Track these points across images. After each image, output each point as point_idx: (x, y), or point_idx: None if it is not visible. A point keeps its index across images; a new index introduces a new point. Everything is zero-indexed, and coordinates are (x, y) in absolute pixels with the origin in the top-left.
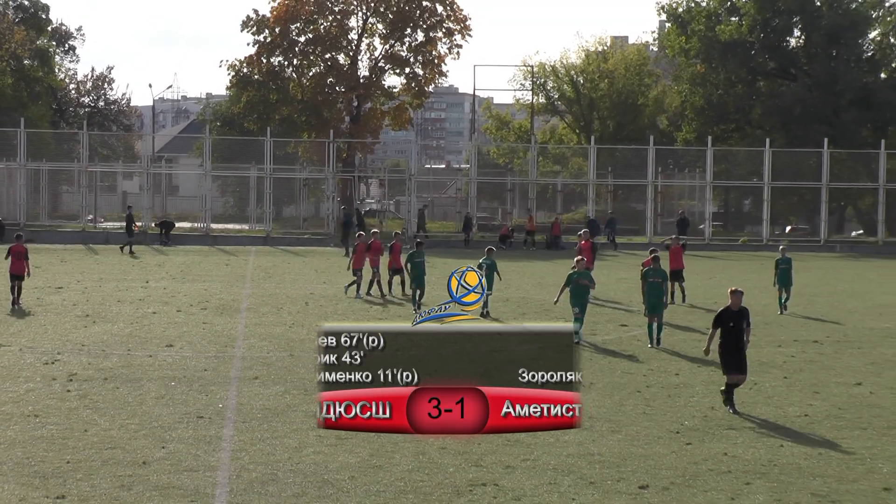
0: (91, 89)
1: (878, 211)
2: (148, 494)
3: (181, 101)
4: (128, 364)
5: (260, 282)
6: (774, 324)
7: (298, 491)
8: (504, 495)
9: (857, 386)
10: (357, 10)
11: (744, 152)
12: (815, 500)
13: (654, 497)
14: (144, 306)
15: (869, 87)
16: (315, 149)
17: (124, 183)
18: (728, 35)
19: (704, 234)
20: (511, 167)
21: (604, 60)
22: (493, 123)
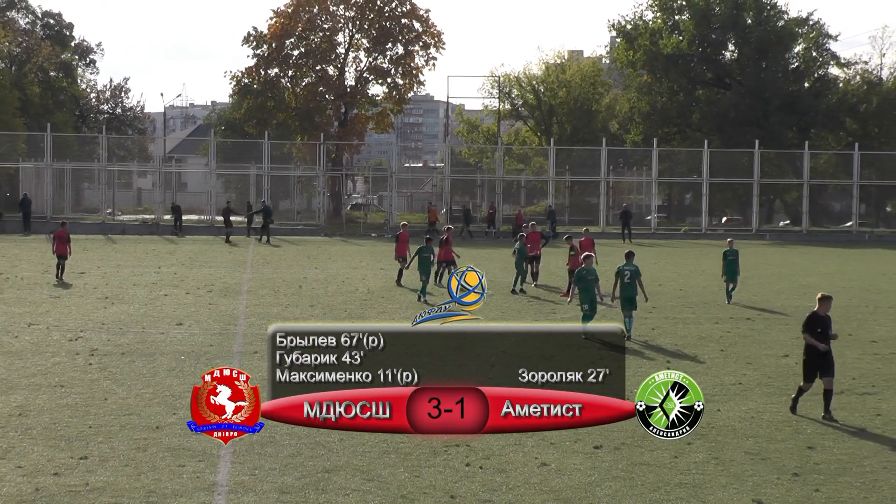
0: (109, 98)
1: (803, 203)
2: (161, 455)
3: (189, 107)
4: (142, 340)
5: (259, 267)
6: (712, 303)
7: (294, 451)
8: (475, 454)
9: (784, 357)
10: (344, 27)
11: (685, 152)
12: (748, 457)
13: (606, 455)
14: (157, 289)
15: (794, 94)
16: (307, 150)
17: (139, 180)
18: (670, 49)
19: (650, 224)
20: (480, 166)
21: (562, 71)
22: (464, 127)
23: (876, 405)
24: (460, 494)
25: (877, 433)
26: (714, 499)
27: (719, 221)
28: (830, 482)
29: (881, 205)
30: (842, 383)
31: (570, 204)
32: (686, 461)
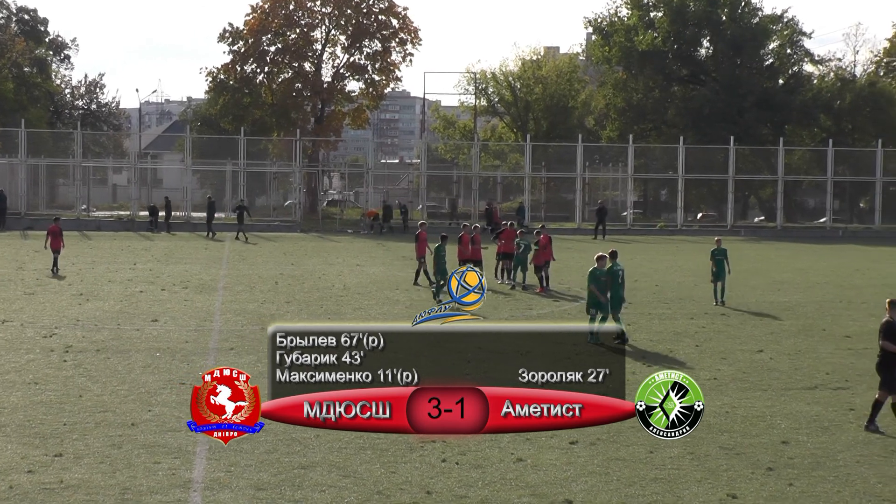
0: (84, 93)
1: (778, 199)
2: (136, 452)
3: (165, 103)
4: (118, 337)
5: (235, 264)
6: (687, 299)
7: (270, 448)
8: (451, 450)
9: (758, 353)
10: (321, 23)
11: (660, 148)
12: (723, 452)
13: (582, 451)
14: (132, 286)
15: (769, 91)
16: (284, 146)
17: (114, 177)
18: (645, 46)
19: (626, 220)
20: (456, 162)
21: (538, 68)
22: (440, 123)
23: (849, 400)
24: (436, 490)
25: (850, 427)
26: (689, 493)
27: (694, 218)
28: (804, 476)
29: (855, 201)
30: (815, 378)
31: (547, 200)
32: (661, 456)
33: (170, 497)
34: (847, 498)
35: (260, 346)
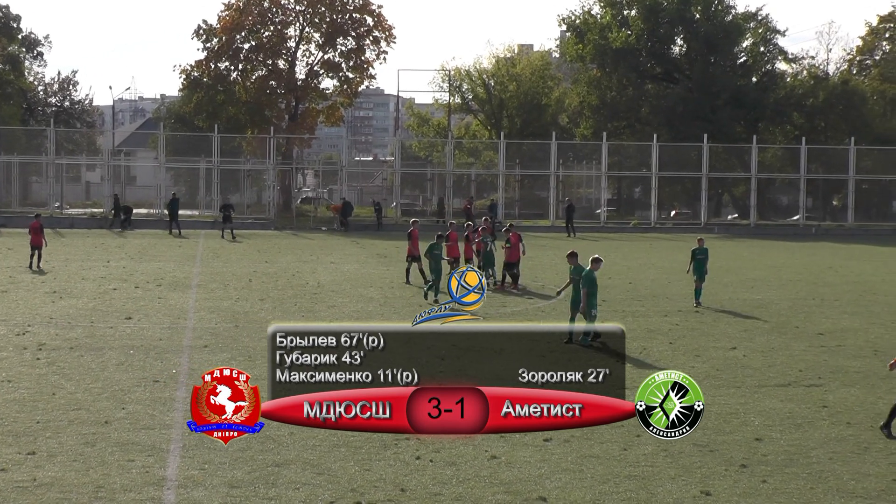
0: (57, 91)
1: (751, 197)
2: (110, 450)
3: (138, 101)
4: (91, 335)
5: (209, 261)
6: (661, 296)
7: (243, 445)
8: (425, 447)
9: (732, 350)
10: (295, 21)
11: (634, 146)
12: (697, 449)
13: (556, 448)
14: (106, 283)
15: (742, 89)
16: (258, 143)
17: (87, 174)
18: (619, 43)
19: (600, 218)
20: (430, 159)
21: (512, 65)
22: (414, 121)
23: (822, 397)
24: (410, 488)
25: (823, 425)
26: (663, 491)
27: (668, 215)
28: (778, 473)
29: (828, 198)
30: (788, 375)
31: (521, 198)
32: (635, 453)
33: (143, 495)
34: (820, 495)
35: (234, 343)
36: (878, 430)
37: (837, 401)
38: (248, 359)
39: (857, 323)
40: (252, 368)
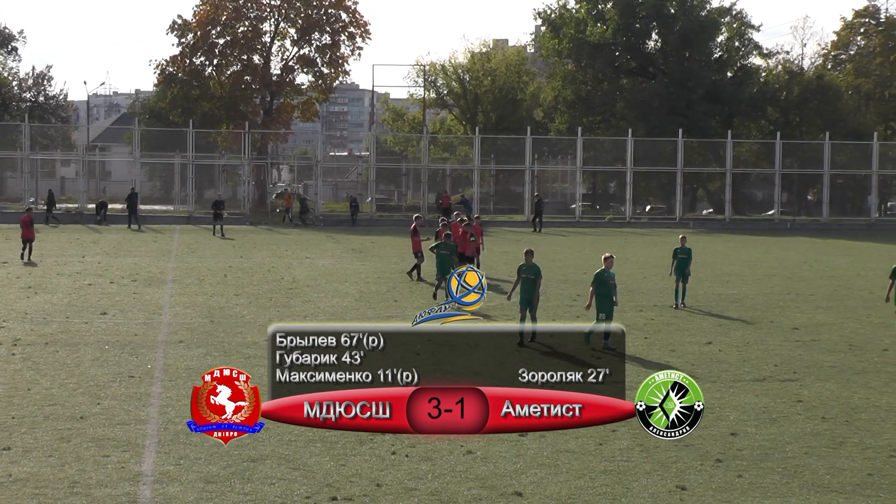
0: (32, 86)
1: (726, 192)
2: (85, 445)
3: (113, 96)
4: (66, 330)
5: (184, 256)
6: (636, 291)
7: (219, 441)
8: (401, 443)
9: (707, 345)
10: (270, 16)
11: (609, 141)
12: (672, 444)
13: (532, 443)
14: (81, 279)
15: (717, 84)
16: (233, 139)
17: (62, 169)
18: (595, 38)
19: (575, 213)
20: (406, 154)
21: (487, 60)
22: (389, 116)
23: (797, 391)
24: (386, 483)
25: (798, 419)
26: (638, 485)
27: (643, 210)
28: (753, 468)
29: (802, 193)
30: (763, 370)
31: (496, 192)
32: (611, 448)
33: (119, 490)
34: (795, 489)
35: (209, 338)
36: (854, 424)
37: (812, 395)
38: (223, 354)
39: (832, 318)
40: (228, 364)
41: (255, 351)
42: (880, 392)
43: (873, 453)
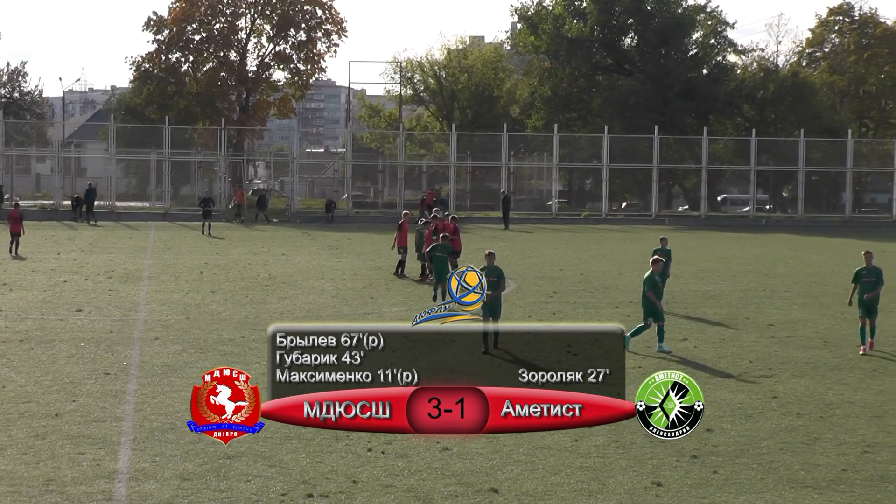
0: (6, 82)
1: (702, 189)
2: (60, 443)
3: (88, 92)
4: (41, 327)
5: (160, 253)
6: (613, 287)
7: (195, 438)
8: (377, 439)
9: (683, 341)
10: (246, 12)
11: (585, 138)
12: (648, 440)
13: (508, 440)
14: (56, 275)
15: (693, 81)
16: (209, 135)
17: (38, 166)
18: (573, 34)
19: (551, 210)
20: (382, 151)
21: (463, 57)
22: (366, 112)
23: (772, 387)
24: (362, 479)
25: (773, 415)
26: (614, 482)
27: (619, 207)
28: (728, 464)
29: (777, 190)
30: (739, 366)
31: (472, 189)
32: (587, 444)
33: (94, 488)
34: (770, 485)
35: (185, 335)
36: (828, 420)
37: (787, 392)
38: (199, 351)
39: (807, 314)
40: (204, 361)
41: (231, 348)
42: (854, 388)
43: (847, 449)
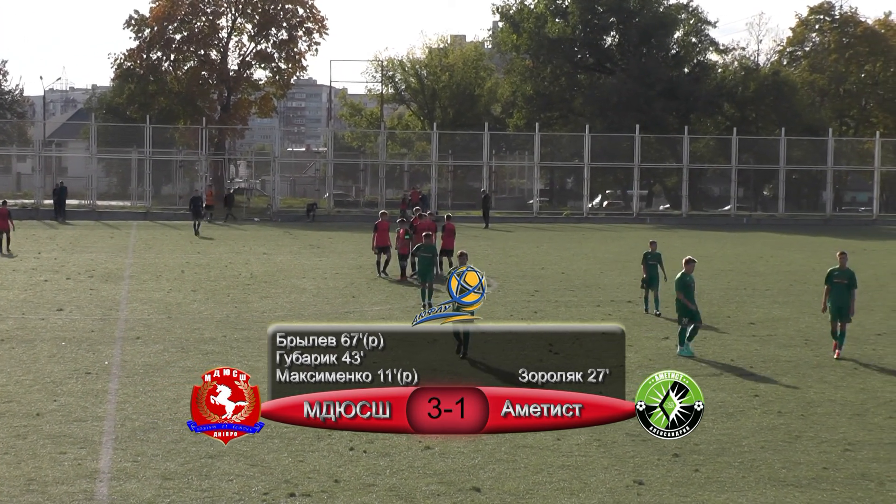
0: None
1: (683, 187)
2: (41, 443)
3: (69, 91)
4: (22, 326)
5: (141, 252)
6: (594, 286)
7: (177, 437)
8: (359, 438)
9: (664, 340)
10: (227, 11)
11: (567, 137)
12: (629, 439)
13: (490, 438)
14: (37, 275)
15: (674, 80)
16: (190, 134)
17: (18, 165)
18: (555, 33)
19: (533, 208)
20: (363, 150)
21: (445, 56)
22: (347, 111)
23: (753, 386)
24: (344, 479)
25: (755, 413)
26: (596, 480)
27: (600, 205)
28: (710, 462)
29: (759, 188)
30: (720, 365)
31: (453, 188)
32: (568, 443)
33: (76, 488)
34: (752, 483)
35: (167, 334)
36: (809, 418)
37: (769, 390)
38: (181, 350)
39: (788, 312)
40: (185, 360)
41: (212, 347)
42: (835, 386)
43: (828, 447)
